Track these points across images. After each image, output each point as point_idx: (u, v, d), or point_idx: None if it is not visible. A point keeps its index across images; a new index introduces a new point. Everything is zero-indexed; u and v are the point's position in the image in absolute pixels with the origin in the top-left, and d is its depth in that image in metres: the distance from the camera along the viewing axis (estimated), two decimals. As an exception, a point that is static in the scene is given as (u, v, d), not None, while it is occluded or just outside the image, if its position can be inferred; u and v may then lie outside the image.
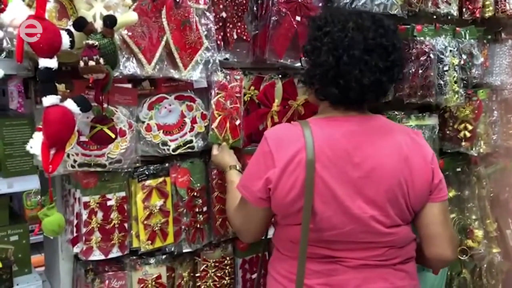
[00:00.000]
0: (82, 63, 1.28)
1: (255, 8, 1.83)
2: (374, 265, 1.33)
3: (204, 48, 1.69)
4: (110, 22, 1.30)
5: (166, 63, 1.61)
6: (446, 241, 1.39)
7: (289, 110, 1.94)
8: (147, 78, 1.62)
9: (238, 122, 1.81)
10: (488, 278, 2.59)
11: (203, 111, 1.78)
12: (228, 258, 1.88)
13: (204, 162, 1.82)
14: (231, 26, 1.77)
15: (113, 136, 1.44)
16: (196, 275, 1.83)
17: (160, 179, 1.70)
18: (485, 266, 2.55)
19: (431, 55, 2.08)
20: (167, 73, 1.61)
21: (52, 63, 1.25)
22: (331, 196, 1.28)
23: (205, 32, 1.69)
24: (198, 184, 1.78)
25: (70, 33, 1.29)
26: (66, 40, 1.28)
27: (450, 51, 2.15)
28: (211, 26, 1.71)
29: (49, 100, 1.27)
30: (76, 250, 1.58)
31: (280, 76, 1.92)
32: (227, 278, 1.87)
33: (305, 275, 1.30)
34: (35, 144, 1.30)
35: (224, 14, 1.75)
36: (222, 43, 1.77)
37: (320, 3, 1.91)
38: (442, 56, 2.13)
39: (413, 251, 1.42)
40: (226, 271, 1.87)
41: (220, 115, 1.76)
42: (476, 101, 2.31)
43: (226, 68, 1.79)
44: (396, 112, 2.08)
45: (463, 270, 2.46)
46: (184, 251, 1.77)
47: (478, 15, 2.35)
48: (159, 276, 1.71)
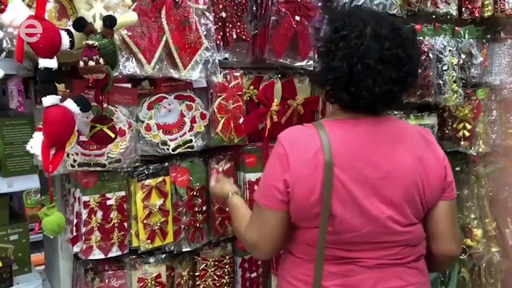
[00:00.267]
0: (82, 63, 1.28)
1: (254, 8, 1.84)
2: (389, 264, 1.33)
3: (203, 48, 1.69)
4: (109, 22, 1.30)
5: (165, 63, 1.62)
6: (454, 238, 1.42)
7: (288, 109, 1.94)
8: (146, 78, 1.63)
9: (241, 120, 1.82)
10: (487, 277, 2.60)
11: (203, 110, 1.78)
12: (227, 257, 1.89)
13: (204, 161, 1.82)
14: (230, 26, 1.77)
15: (112, 135, 1.44)
16: (196, 274, 1.83)
17: (160, 179, 1.70)
18: (484, 265, 2.56)
19: (430, 55, 2.09)
20: (166, 73, 1.62)
21: (52, 63, 1.25)
22: (350, 198, 1.28)
23: (204, 32, 1.69)
24: (198, 184, 1.79)
25: (70, 33, 1.29)
26: (66, 40, 1.28)
27: (449, 50, 2.16)
28: (210, 26, 1.71)
29: (49, 100, 1.27)
30: (76, 249, 1.59)
31: (279, 75, 1.92)
32: (226, 277, 1.88)
33: (322, 277, 1.30)
34: (35, 143, 1.30)
35: (223, 14, 1.75)
36: (222, 43, 1.77)
37: (320, 3, 1.92)
38: (441, 55, 2.13)
39: (424, 249, 1.42)
40: (226, 270, 1.88)
41: (223, 118, 1.77)
42: (475, 100, 2.31)
43: (225, 68, 1.79)
44: (396, 112, 2.07)
45: (462, 269, 2.47)
46: (184, 250, 1.78)
47: (477, 15, 2.35)
48: (159, 275, 1.72)
